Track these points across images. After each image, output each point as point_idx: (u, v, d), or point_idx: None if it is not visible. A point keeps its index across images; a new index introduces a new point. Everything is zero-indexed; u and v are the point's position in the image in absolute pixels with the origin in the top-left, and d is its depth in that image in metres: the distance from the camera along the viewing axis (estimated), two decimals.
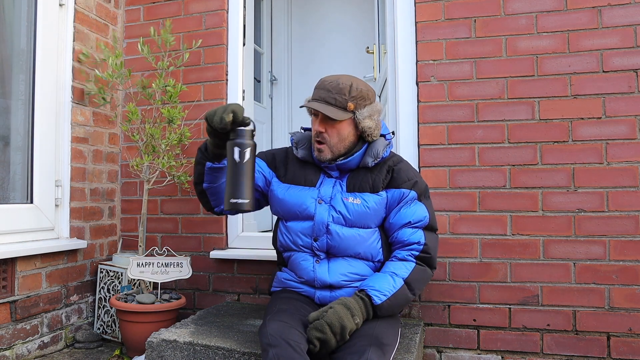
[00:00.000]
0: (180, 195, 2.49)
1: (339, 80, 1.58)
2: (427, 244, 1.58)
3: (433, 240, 1.61)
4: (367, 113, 1.59)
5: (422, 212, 1.60)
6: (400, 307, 1.54)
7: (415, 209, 1.60)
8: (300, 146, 1.72)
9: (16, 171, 2.14)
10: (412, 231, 1.58)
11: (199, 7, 2.51)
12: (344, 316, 1.36)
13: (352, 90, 1.57)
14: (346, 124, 1.59)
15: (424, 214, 1.60)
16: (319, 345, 1.34)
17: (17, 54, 2.16)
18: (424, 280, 1.59)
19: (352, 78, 1.61)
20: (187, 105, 2.42)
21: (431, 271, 1.60)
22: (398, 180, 1.62)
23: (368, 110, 1.59)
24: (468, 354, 2.06)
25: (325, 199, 1.63)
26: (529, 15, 2.06)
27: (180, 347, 1.62)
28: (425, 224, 1.60)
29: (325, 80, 1.61)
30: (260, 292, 2.35)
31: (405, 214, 1.60)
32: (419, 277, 1.55)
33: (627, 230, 1.93)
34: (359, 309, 1.41)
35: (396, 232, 1.60)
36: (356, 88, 1.58)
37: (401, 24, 2.22)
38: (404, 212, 1.60)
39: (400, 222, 1.60)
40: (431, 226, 1.62)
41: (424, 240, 1.58)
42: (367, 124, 1.59)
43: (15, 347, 1.98)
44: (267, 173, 1.75)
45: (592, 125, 1.98)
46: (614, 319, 1.93)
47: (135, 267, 2.12)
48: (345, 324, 1.35)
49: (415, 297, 1.53)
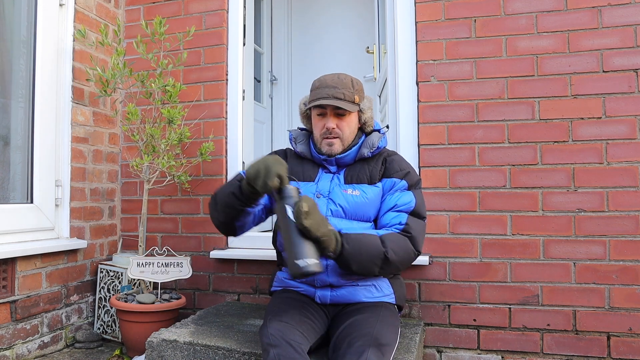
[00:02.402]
0: (180, 195, 2.49)
1: (339, 77, 1.64)
2: (408, 223, 1.55)
3: (417, 224, 1.58)
4: (367, 104, 1.69)
5: (408, 197, 1.60)
6: (370, 254, 1.45)
7: (402, 195, 1.61)
8: (299, 142, 1.77)
9: (16, 171, 2.14)
10: (395, 214, 1.58)
11: (199, 7, 2.51)
12: (319, 211, 1.36)
13: (354, 84, 1.66)
14: (354, 116, 1.67)
15: (410, 199, 1.60)
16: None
17: (17, 54, 2.16)
18: (401, 247, 1.50)
19: (346, 74, 1.67)
20: (187, 105, 2.42)
21: (412, 247, 1.54)
22: (390, 170, 1.66)
23: (367, 102, 1.69)
24: (468, 354, 2.06)
25: (324, 193, 1.64)
26: (529, 15, 2.06)
27: (180, 347, 1.62)
28: (410, 209, 1.59)
29: (324, 79, 1.65)
30: (260, 292, 2.35)
31: (391, 199, 1.61)
32: (394, 239, 1.50)
33: (627, 230, 1.93)
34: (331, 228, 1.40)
35: (381, 217, 1.62)
36: (356, 82, 1.67)
37: (401, 24, 2.22)
38: (390, 199, 1.61)
39: (386, 207, 1.61)
40: (417, 212, 1.59)
41: (405, 220, 1.56)
42: (369, 114, 1.69)
43: (15, 347, 1.98)
44: None
45: (592, 125, 1.98)
46: (614, 319, 1.93)
47: (135, 267, 2.12)
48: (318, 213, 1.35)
49: (388, 255, 1.44)
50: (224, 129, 2.44)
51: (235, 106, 2.45)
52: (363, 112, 1.67)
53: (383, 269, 1.49)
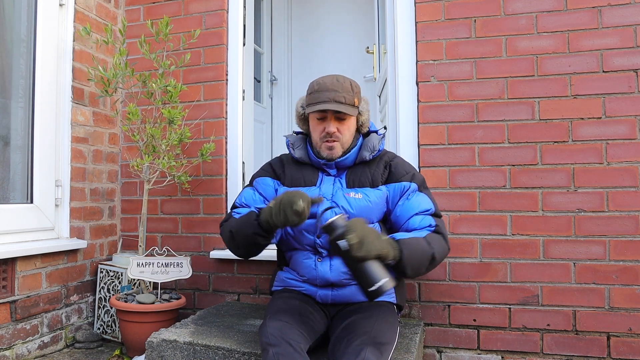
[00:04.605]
0: (180, 195, 2.49)
1: (339, 79, 1.63)
2: (438, 225, 1.59)
3: (441, 223, 1.63)
4: (365, 106, 1.70)
5: (427, 203, 1.63)
6: (422, 255, 1.46)
7: (420, 199, 1.62)
8: (297, 147, 1.76)
9: (16, 171, 2.14)
10: (421, 217, 1.60)
11: (199, 7, 2.51)
12: (367, 227, 1.36)
13: (353, 87, 1.65)
14: (353, 119, 1.67)
15: (429, 205, 1.63)
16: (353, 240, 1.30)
17: (17, 54, 2.16)
18: (441, 246, 1.54)
19: (344, 76, 1.67)
20: (187, 105, 2.42)
21: (446, 245, 1.59)
22: (397, 175, 1.66)
23: (365, 104, 1.70)
24: (468, 354, 2.06)
25: (327, 197, 1.64)
26: (529, 15, 2.06)
27: (180, 347, 1.62)
28: (432, 211, 1.62)
29: (323, 82, 1.63)
30: (260, 292, 2.35)
31: (411, 205, 1.61)
32: (435, 238, 1.54)
33: (627, 230, 1.93)
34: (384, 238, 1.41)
35: (406, 223, 1.61)
36: (355, 84, 1.66)
37: (401, 24, 2.22)
38: (409, 203, 1.62)
39: (408, 213, 1.61)
40: (437, 213, 1.64)
41: (434, 222, 1.59)
42: (366, 116, 1.70)
43: (15, 347, 1.98)
44: (274, 184, 1.76)
45: (592, 125, 1.98)
46: (614, 319, 1.93)
47: (135, 267, 2.12)
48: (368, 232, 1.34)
49: (435, 255, 1.48)
50: (224, 129, 2.44)
51: (235, 106, 2.45)
52: (362, 114, 1.68)
53: (429, 268, 1.52)
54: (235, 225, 1.61)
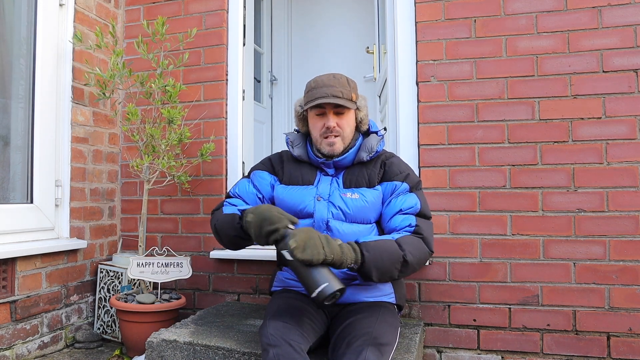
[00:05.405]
0: (180, 195, 2.49)
1: (335, 76, 1.64)
2: (418, 225, 1.56)
3: (425, 224, 1.59)
4: (363, 102, 1.69)
5: (413, 200, 1.60)
6: (390, 259, 1.43)
7: (406, 198, 1.61)
8: (296, 145, 1.76)
9: (16, 171, 2.14)
10: (403, 217, 1.58)
11: (199, 7, 2.51)
12: (314, 233, 1.34)
13: (349, 82, 1.66)
14: (352, 114, 1.67)
15: (415, 201, 1.60)
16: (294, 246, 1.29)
17: (17, 54, 2.16)
18: (417, 248, 1.50)
19: (340, 74, 1.68)
20: (186, 105, 2.42)
21: (426, 247, 1.55)
22: (390, 174, 1.66)
23: (362, 100, 1.70)
24: (468, 354, 2.06)
25: (324, 196, 1.64)
26: (528, 15, 2.06)
27: (180, 347, 1.62)
28: (416, 210, 1.59)
29: (320, 79, 1.64)
30: (260, 292, 2.35)
31: (396, 203, 1.60)
32: (409, 241, 1.50)
33: (627, 230, 1.93)
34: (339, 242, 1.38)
35: (388, 222, 1.61)
36: (351, 81, 1.67)
37: (401, 24, 2.22)
38: (395, 202, 1.61)
39: (392, 211, 1.60)
40: (423, 213, 1.60)
41: (415, 222, 1.56)
42: (364, 113, 1.70)
43: (15, 347, 1.98)
44: (271, 180, 1.77)
45: (592, 125, 1.98)
46: (614, 319, 1.93)
47: (135, 267, 2.12)
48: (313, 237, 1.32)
49: (407, 258, 1.43)
50: (224, 129, 2.44)
51: (235, 106, 2.45)
52: (360, 109, 1.68)
53: (402, 272, 1.48)
54: (219, 222, 1.63)
